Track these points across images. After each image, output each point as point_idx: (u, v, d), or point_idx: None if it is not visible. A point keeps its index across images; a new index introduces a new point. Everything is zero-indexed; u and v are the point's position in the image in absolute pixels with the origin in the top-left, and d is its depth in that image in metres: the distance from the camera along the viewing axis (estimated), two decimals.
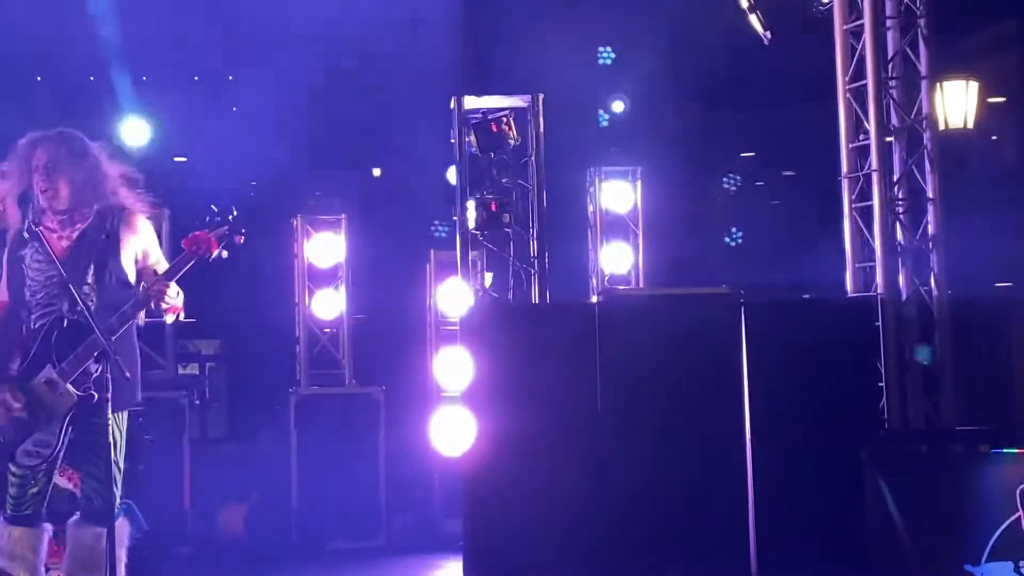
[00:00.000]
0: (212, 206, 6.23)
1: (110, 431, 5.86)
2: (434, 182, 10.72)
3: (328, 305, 10.80)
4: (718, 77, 13.20)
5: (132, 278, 6.19)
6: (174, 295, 6.04)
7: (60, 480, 7.06)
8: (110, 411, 5.68)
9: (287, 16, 13.06)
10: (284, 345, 11.33)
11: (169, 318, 6.23)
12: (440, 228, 11.02)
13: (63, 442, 6.05)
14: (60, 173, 6.12)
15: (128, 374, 5.80)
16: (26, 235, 6.09)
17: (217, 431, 13.61)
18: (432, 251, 10.90)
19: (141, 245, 6.24)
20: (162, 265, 6.21)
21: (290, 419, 10.37)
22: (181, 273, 6.08)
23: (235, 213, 6.17)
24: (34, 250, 6.12)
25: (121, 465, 6.16)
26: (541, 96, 9.31)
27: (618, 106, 11.81)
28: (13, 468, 6.14)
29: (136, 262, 6.22)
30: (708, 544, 7.89)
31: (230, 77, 15.27)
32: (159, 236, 6.82)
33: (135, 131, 11.00)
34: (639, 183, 11.25)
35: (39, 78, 14.70)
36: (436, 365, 10.54)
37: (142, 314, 6.31)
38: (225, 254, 6.14)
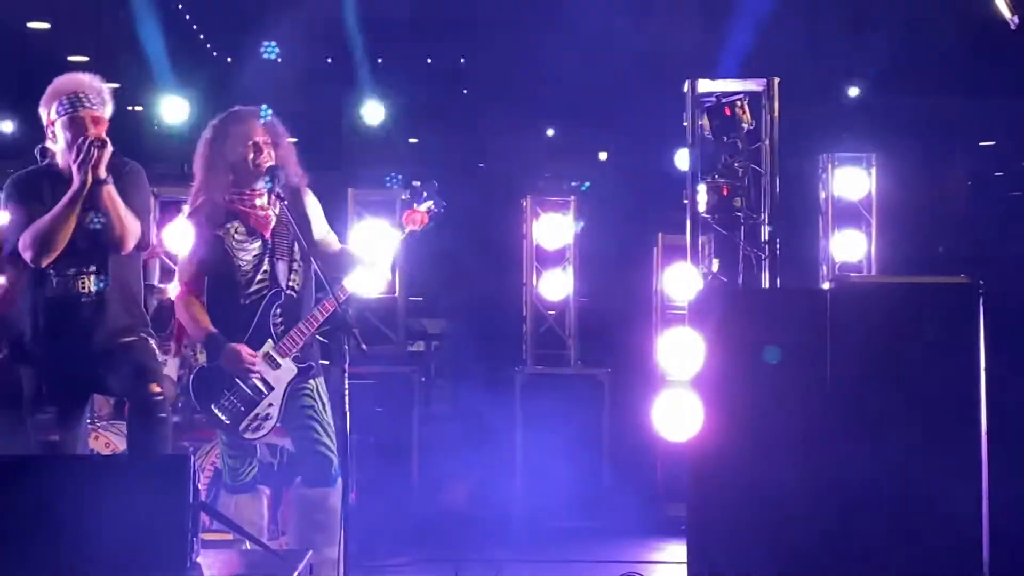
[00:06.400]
0: (414, 182, 6.48)
1: (319, 396, 6.08)
2: (663, 166, 10.67)
3: (555, 286, 10.87)
4: (958, 62, 12.81)
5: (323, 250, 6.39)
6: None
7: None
8: (346, 383, 5.82)
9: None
10: (510, 325, 11.45)
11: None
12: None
13: (282, 414, 6.24)
14: (277, 148, 6.30)
15: (364, 346, 5.94)
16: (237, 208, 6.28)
17: (442, 408, 13.82)
18: (660, 234, 10.85)
19: (319, 218, 6.45)
20: (332, 236, 6.50)
21: (515, 398, 10.47)
22: (397, 248, 6.50)
23: (436, 185, 6.40)
24: (234, 228, 6.27)
25: (333, 425, 6.35)
26: (777, 80, 9.18)
27: (854, 91, 11.54)
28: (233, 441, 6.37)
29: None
30: (938, 546, 7.66)
31: (461, 60, 15.48)
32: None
33: (373, 112, 11.23)
34: (873, 170, 10.99)
35: (279, 59, 15.12)
36: (660, 349, 10.50)
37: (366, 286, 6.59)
38: (431, 225, 6.48)
